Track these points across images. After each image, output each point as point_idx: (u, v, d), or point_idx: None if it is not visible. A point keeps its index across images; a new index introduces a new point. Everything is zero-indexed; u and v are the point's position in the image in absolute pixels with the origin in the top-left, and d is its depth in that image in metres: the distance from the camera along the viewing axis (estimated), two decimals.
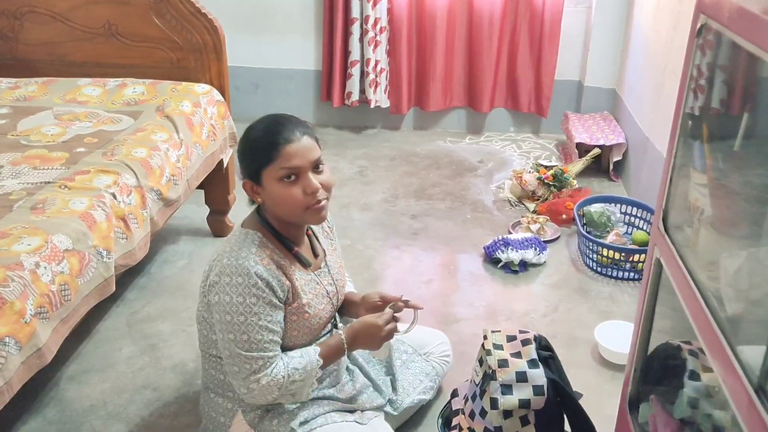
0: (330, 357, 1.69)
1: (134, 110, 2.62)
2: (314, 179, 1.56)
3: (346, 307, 1.91)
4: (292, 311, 1.64)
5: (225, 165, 2.85)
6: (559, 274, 2.83)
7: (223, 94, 2.84)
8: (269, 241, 1.63)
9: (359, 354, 1.94)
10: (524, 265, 2.84)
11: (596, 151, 3.55)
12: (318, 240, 1.81)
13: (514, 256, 2.80)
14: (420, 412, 2.04)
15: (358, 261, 2.88)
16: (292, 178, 1.55)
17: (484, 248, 2.93)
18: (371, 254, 2.95)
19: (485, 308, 2.60)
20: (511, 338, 1.79)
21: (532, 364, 1.71)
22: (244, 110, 4.31)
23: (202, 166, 2.61)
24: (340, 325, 1.83)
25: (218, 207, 3.00)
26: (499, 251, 2.84)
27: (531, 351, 1.73)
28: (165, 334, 2.41)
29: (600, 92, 4.03)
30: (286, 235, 1.66)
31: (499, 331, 1.83)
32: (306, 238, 1.75)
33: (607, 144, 3.58)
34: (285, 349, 1.68)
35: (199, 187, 2.81)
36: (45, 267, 1.66)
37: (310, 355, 1.64)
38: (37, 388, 2.14)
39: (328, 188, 1.60)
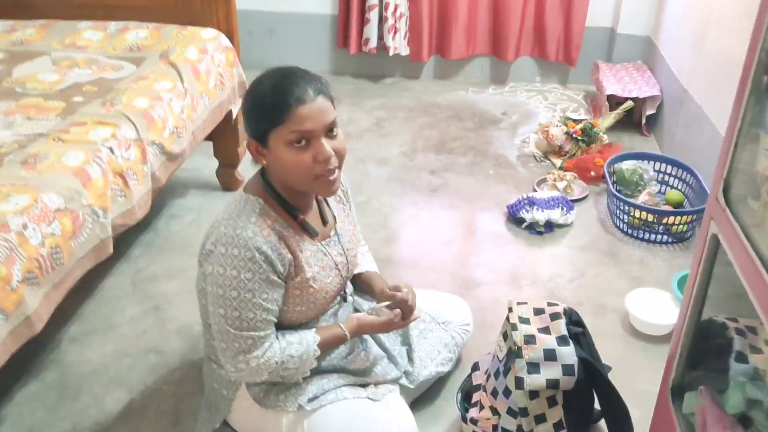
0: (330, 347, 1.58)
1: (137, 56, 2.45)
2: (327, 145, 1.39)
3: (362, 286, 1.78)
4: (295, 285, 1.50)
5: (234, 116, 2.68)
6: (587, 236, 2.67)
7: (231, 39, 2.66)
8: (272, 209, 1.48)
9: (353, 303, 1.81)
10: (550, 225, 2.68)
11: (629, 104, 3.33)
12: (328, 205, 1.66)
13: (539, 216, 2.64)
14: (437, 384, 1.92)
15: (374, 219, 2.73)
16: (303, 143, 1.37)
17: (507, 207, 2.77)
18: (387, 212, 2.80)
19: (508, 272, 2.45)
20: (538, 311, 1.65)
21: (562, 341, 1.57)
22: (258, 57, 4.13)
23: (209, 118, 2.45)
24: (349, 298, 1.70)
25: (227, 160, 2.85)
26: (524, 211, 2.67)
27: (560, 326, 1.59)
28: (170, 294, 2.30)
29: (634, 40, 3.78)
30: (291, 201, 1.50)
31: (526, 303, 1.68)
32: (314, 203, 1.60)
33: (641, 96, 3.36)
34: (288, 324, 1.55)
35: (208, 138, 2.67)
36: (34, 228, 1.53)
37: (309, 343, 1.53)
38: (37, 349, 2.05)
39: (341, 155, 1.43)
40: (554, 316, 1.62)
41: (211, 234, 1.47)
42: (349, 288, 1.76)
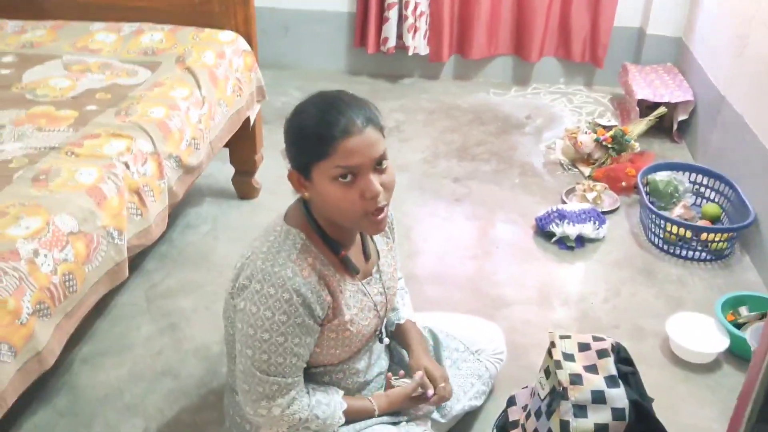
0: (355, 417, 1.48)
1: (152, 61, 2.34)
2: (375, 180, 1.26)
3: (398, 338, 1.69)
4: (332, 328, 1.39)
5: (252, 123, 2.57)
6: (620, 251, 2.55)
7: (250, 42, 2.54)
8: (313, 244, 1.36)
9: (403, 351, 1.71)
10: (581, 240, 2.56)
11: (662, 110, 3.20)
12: (372, 238, 1.53)
13: (570, 230, 2.52)
14: (469, 417, 1.81)
15: (396, 231, 2.61)
16: (349, 178, 1.25)
17: (535, 220, 2.65)
18: (410, 223, 2.68)
19: (538, 290, 2.34)
20: (584, 347, 1.54)
21: (611, 381, 1.45)
22: (272, 55, 4.01)
23: (226, 126, 2.34)
24: (385, 340, 1.61)
25: (244, 168, 2.74)
26: (554, 224, 2.56)
27: (609, 365, 1.48)
28: (186, 311, 2.20)
29: (664, 41, 3.64)
30: (335, 235, 1.38)
31: (569, 337, 1.57)
32: (358, 236, 1.47)
33: (673, 101, 3.22)
34: (318, 364, 1.45)
35: (225, 145, 2.55)
36: (45, 255, 1.43)
37: (336, 408, 1.44)
38: (48, 370, 1.94)
39: (390, 190, 1.31)
40: (602, 353, 1.51)
41: (246, 266, 1.36)
42: (384, 330, 1.67)
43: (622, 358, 1.53)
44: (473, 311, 2.22)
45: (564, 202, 2.79)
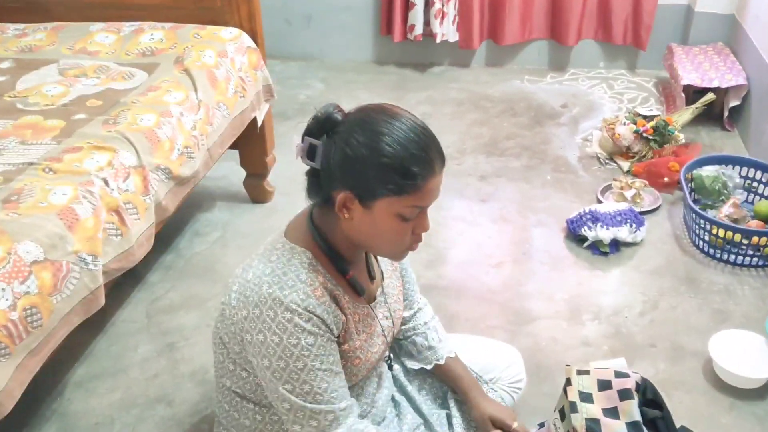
0: None
1: (150, 62, 2.22)
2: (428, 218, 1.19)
3: (446, 377, 1.53)
4: (341, 354, 1.25)
5: (260, 123, 2.43)
6: (660, 257, 2.32)
7: (255, 39, 2.39)
8: (320, 263, 1.22)
9: (409, 381, 1.55)
10: (616, 244, 2.34)
11: (710, 96, 2.92)
12: (376, 258, 1.38)
13: (603, 234, 2.30)
14: None
15: None
16: (409, 217, 1.15)
17: (567, 222, 2.43)
18: (433, 228, 2.44)
19: (567, 303, 2.14)
20: (604, 385, 1.34)
21: (634, 429, 1.26)
22: (296, 47, 3.88)
23: (227, 130, 2.20)
24: (396, 367, 1.46)
25: (255, 170, 2.61)
26: (586, 228, 2.34)
27: (632, 409, 1.28)
28: (187, 329, 2.08)
29: (714, 19, 3.33)
30: (342, 254, 1.24)
31: (588, 373, 1.37)
32: (363, 255, 1.33)
33: (723, 86, 2.94)
34: None
35: (234, 147, 2.42)
36: (3, 289, 1.31)
37: None
38: (39, 395, 1.87)
39: None
40: (624, 394, 1.31)
41: (248, 293, 1.18)
42: (392, 356, 1.53)
43: (649, 399, 1.33)
44: (495, 328, 2.05)
45: (599, 202, 2.57)
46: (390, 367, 1.48)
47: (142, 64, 2.21)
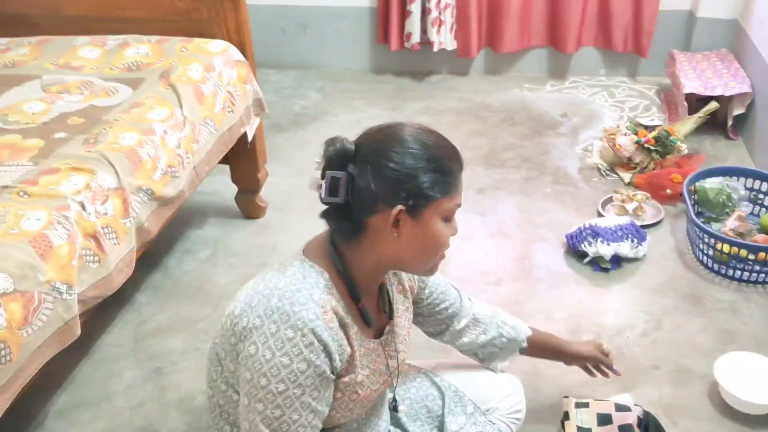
0: None
1: (135, 77, 2.16)
2: None
3: (540, 348, 1.63)
4: (340, 386, 1.18)
5: (250, 138, 2.36)
6: (663, 274, 2.24)
7: (244, 51, 2.33)
8: (336, 287, 1.17)
9: (405, 412, 1.49)
10: (617, 260, 2.26)
11: (713, 105, 2.84)
12: (389, 294, 1.32)
13: (604, 250, 2.23)
14: None
15: None
16: (452, 217, 1.19)
17: (566, 237, 2.36)
18: None
19: (566, 322, 2.06)
20: (604, 419, 1.28)
21: None
22: (292, 55, 3.82)
23: (215, 147, 2.14)
24: (401, 408, 1.41)
25: (247, 186, 2.54)
26: (586, 244, 2.27)
27: None
28: (175, 353, 2.02)
29: (717, 25, 3.26)
30: (359, 280, 1.20)
31: (587, 406, 1.31)
32: (377, 287, 1.28)
33: (727, 94, 2.86)
34: None
35: (224, 161, 2.36)
36: None
37: None
38: (19, 425, 1.80)
39: None
40: (625, 430, 1.24)
41: (256, 303, 1.13)
42: (402, 397, 1.47)
43: None
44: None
45: (600, 215, 2.50)
46: (395, 409, 1.43)
47: (127, 79, 2.15)
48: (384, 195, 1.11)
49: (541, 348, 1.62)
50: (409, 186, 1.11)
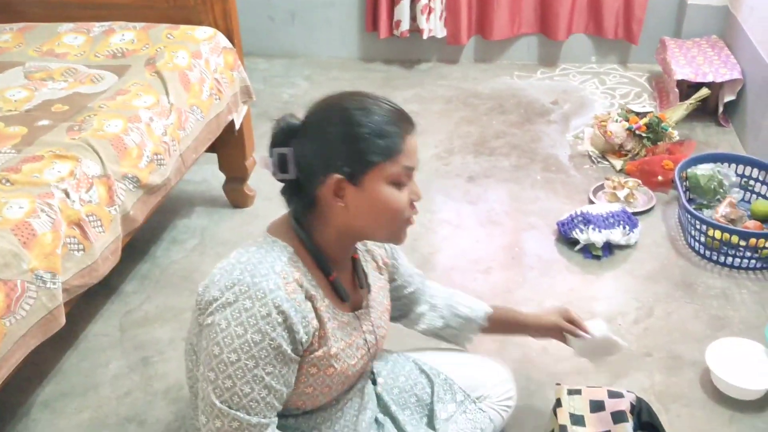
0: None
1: (120, 64, 2.12)
2: None
3: (501, 323, 1.57)
4: (313, 361, 1.16)
5: (238, 126, 2.33)
6: (655, 260, 2.23)
7: (231, 38, 2.29)
8: (301, 260, 1.16)
9: (393, 400, 1.47)
10: (609, 247, 2.25)
11: (704, 92, 2.84)
12: (363, 270, 1.31)
13: (596, 237, 2.22)
14: None
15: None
16: (402, 181, 1.15)
17: (557, 225, 2.35)
18: (417, 231, 2.41)
19: None
20: (596, 406, 1.27)
21: None
22: (281, 43, 3.78)
23: (202, 134, 2.10)
24: (379, 380, 1.37)
25: (235, 174, 2.51)
26: (577, 231, 2.26)
27: None
28: (162, 342, 1.99)
29: (708, 11, 3.25)
30: (327, 254, 1.19)
31: (580, 393, 1.30)
32: (350, 262, 1.28)
33: (717, 80, 2.85)
34: (288, 411, 1.21)
35: (212, 150, 2.33)
36: None
37: None
38: (4, 416, 1.78)
39: None
40: (618, 417, 1.23)
41: (219, 277, 1.13)
42: (379, 370, 1.43)
43: (645, 422, 1.25)
44: (482, 339, 1.91)
45: (591, 202, 2.49)
46: (374, 382, 1.40)
47: (112, 66, 2.12)
48: (324, 165, 1.12)
49: (503, 324, 1.58)
50: (345, 153, 1.12)
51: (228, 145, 2.41)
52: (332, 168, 1.12)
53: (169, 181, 1.91)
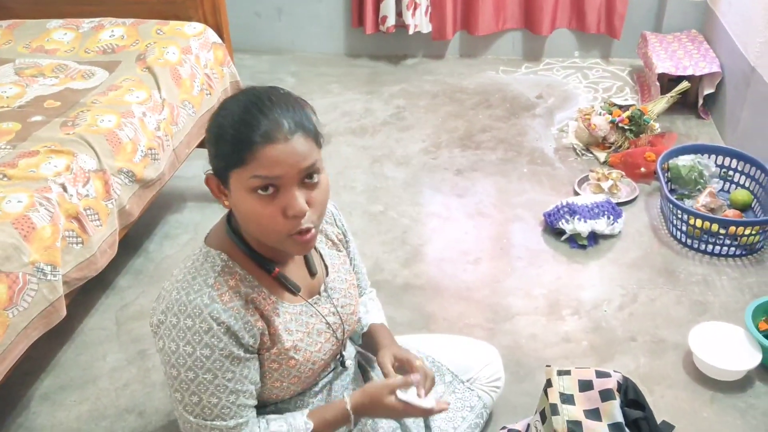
0: (328, 429, 1.24)
1: (110, 60, 2.14)
2: (300, 197, 1.06)
3: (366, 342, 1.46)
4: (272, 358, 1.18)
5: None
6: (638, 249, 2.29)
7: (220, 34, 2.32)
8: (238, 264, 1.15)
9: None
10: (594, 237, 2.31)
11: (684, 85, 2.90)
12: (318, 251, 1.32)
13: (581, 227, 2.27)
14: None
15: (391, 234, 2.40)
16: (270, 190, 1.05)
17: (544, 215, 2.40)
18: (407, 224, 2.46)
19: (545, 298, 2.10)
20: (585, 385, 1.31)
21: (617, 431, 1.23)
22: (268, 39, 3.80)
23: (194, 129, 2.13)
24: (349, 363, 1.38)
25: None
26: (563, 221, 2.31)
27: (614, 410, 1.25)
28: None
29: (687, 6, 3.32)
30: (266, 252, 1.17)
31: (569, 373, 1.34)
32: None
33: (697, 74, 2.92)
34: (267, 402, 1.25)
35: (203, 146, 2.35)
36: None
37: (297, 426, 1.20)
38: (4, 409, 1.79)
39: (320, 209, 1.10)
40: (606, 395, 1.28)
41: (162, 298, 1.15)
42: (350, 351, 1.44)
43: (631, 400, 1.30)
44: (473, 326, 2.01)
45: (576, 194, 2.54)
46: (342, 364, 1.37)
47: (103, 62, 2.14)
48: (209, 158, 1.12)
49: (369, 342, 1.47)
50: (211, 154, 1.11)
51: None
52: (210, 165, 1.11)
53: (163, 175, 1.94)
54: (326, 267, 1.32)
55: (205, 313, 1.09)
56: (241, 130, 1.04)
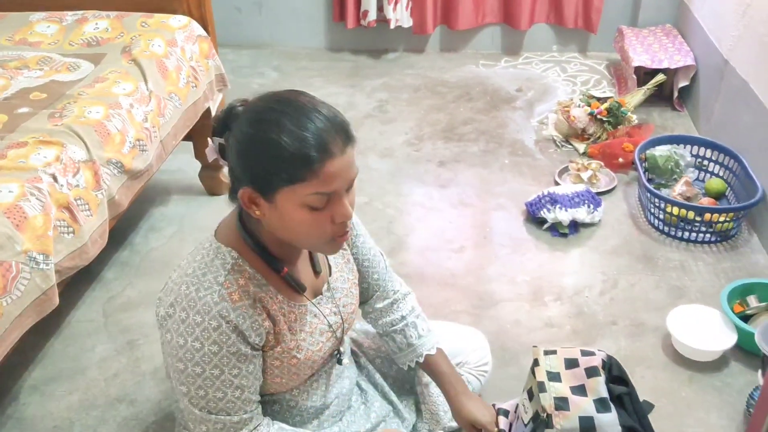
0: None
1: (95, 53, 2.14)
2: (348, 203, 1.09)
3: (429, 372, 1.48)
4: (275, 356, 1.21)
5: (214, 114, 2.37)
6: (618, 237, 2.35)
7: (205, 26, 2.33)
8: (248, 262, 1.16)
9: (376, 367, 1.54)
10: (575, 225, 2.36)
11: (660, 78, 2.97)
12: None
13: (562, 216, 2.33)
14: None
15: (376, 223, 2.43)
16: (324, 202, 1.06)
17: (526, 205, 2.45)
18: (392, 215, 2.49)
19: (529, 285, 2.15)
20: (571, 363, 1.35)
21: (602, 405, 1.27)
22: (248, 34, 3.81)
23: (180, 121, 2.14)
24: (344, 360, 1.40)
25: (210, 162, 2.53)
26: (545, 210, 2.36)
27: (599, 386, 1.29)
28: (146, 326, 2.03)
29: (662, 1, 3.41)
30: (275, 252, 1.17)
31: (555, 353, 1.38)
32: (304, 250, 1.27)
33: (672, 67, 2.99)
34: (265, 393, 1.27)
35: (188, 138, 2.37)
36: None
37: None
38: None
39: (353, 208, 1.13)
40: (591, 372, 1.32)
41: (170, 291, 1.16)
42: (346, 347, 1.48)
43: (615, 376, 1.34)
44: (458, 312, 2.05)
45: (557, 184, 2.60)
46: (339, 362, 1.39)
47: (88, 55, 2.14)
48: (238, 172, 1.08)
49: (434, 376, 1.48)
50: (253, 169, 1.05)
51: (204, 134, 2.44)
52: (245, 179, 1.06)
53: (151, 166, 1.95)
54: (329, 266, 1.34)
55: (214, 311, 1.11)
56: (303, 149, 1.01)
